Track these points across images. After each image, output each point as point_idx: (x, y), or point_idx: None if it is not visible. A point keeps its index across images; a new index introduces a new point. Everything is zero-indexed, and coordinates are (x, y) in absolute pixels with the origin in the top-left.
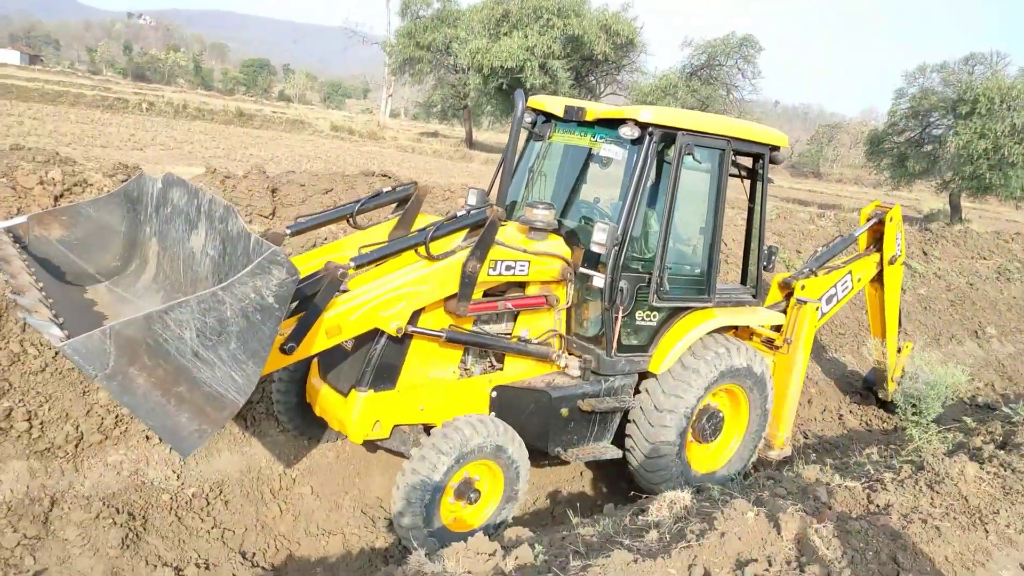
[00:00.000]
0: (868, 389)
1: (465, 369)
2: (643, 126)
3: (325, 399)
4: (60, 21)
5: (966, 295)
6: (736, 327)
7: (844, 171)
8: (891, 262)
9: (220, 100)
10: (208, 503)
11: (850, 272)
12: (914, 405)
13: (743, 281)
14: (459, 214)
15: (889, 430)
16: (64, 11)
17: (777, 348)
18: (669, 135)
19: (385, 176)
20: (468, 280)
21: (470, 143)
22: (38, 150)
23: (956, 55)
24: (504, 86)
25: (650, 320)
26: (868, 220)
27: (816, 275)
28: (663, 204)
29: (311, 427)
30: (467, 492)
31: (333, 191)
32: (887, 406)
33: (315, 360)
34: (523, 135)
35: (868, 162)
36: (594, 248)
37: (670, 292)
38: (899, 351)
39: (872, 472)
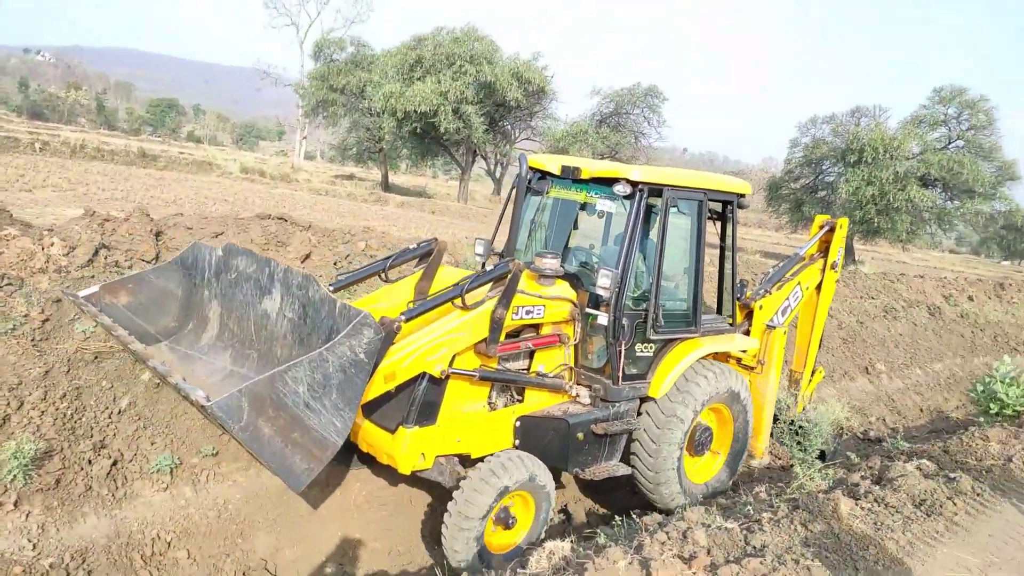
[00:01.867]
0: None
1: (491, 403)
2: (634, 183)
3: (372, 436)
4: None
5: (857, 333)
6: (718, 352)
7: (749, 216)
8: (832, 267)
9: (122, 140)
10: (68, 574)
11: (799, 283)
12: (799, 443)
13: (719, 311)
14: (487, 268)
15: (788, 466)
16: None
17: (752, 369)
18: (656, 190)
19: (282, 219)
20: (496, 325)
21: (386, 186)
22: None
23: (844, 107)
24: (418, 130)
25: (647, 351)
26: (821, 228)
27: (771, 293)
28: (654, 249)
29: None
30: (506, 519)
31: (224, 234)
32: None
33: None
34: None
35: (768, 207)
36: (599, 291)
37: (664, 326)
38: (813, 373)
39: (752, 512)
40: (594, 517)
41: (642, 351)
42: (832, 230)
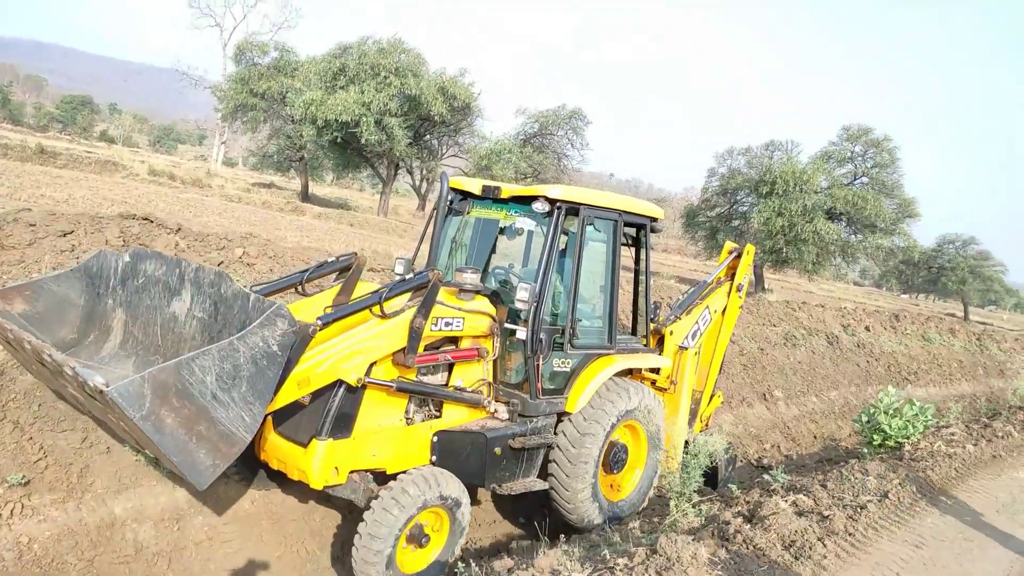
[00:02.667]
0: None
1: (408, 418)
2: (552, 202)
3: (282, 451)
4: None
5: (757, 360)
6: (631, 370)
7: (669, 241)
8: (738, 290)
9: (21, 135)
10: None
11: (707, 307)
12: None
13: (633, 332)
14: (407, 278)
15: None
16: None
17: (664, 390)
18: (573, 209)
19: (147, 220)
20: (415, 335)
21: (305, 196)
22: None
23: (759, 140)
24: (339, 139)
25: (564, 366)
26: (730, 254)
27: (680, 319)
28: (571, 266)
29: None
30: (419, 536)
31: (74, 233)
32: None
33: (267, 417)
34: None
35: (685, 234)
36: (518, 305)
37: (581, 341)
38: (711, 398)
39: (608, 557)
40: (510, 537)
41: (559, 366)
42: (739, 256)
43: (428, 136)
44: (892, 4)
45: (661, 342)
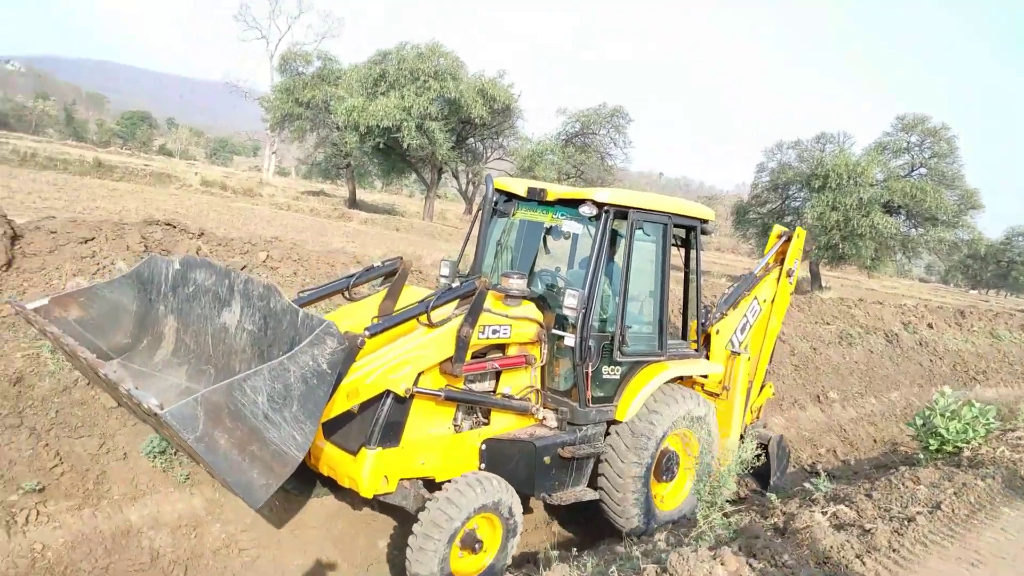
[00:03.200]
0: None
1: (456, 425)
2: (599, 205)
3: (333, 459)
4: None
5: (809, 360)
6: (683, 377)
7: (721, 240)
8: (788, 275)
9: (79, 150)
10: None
11: (755, 297)
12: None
13: (683, 336)
14: (453, 286)
15: (741, 498)
16: None
17: (716, 396)
18: (622, 212)
19: (169, 225)
20: (462, 344)
21: (352, 203)
22: None
23: (809, 134)
24: (382, 145)
25: (614, 374)
26: (779, 238)
27: (726, 316)
28: (620, 271)
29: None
30: (472, 543)
31: (96, 240)
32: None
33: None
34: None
35: (735, 231)
36: (566, 312)
37: (630, 348)
38: (762, 388)
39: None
40: (561, 541)
41: (609, 374)
42: (788, 240)
43: (471, 139)
44: None
45: (708, 342)
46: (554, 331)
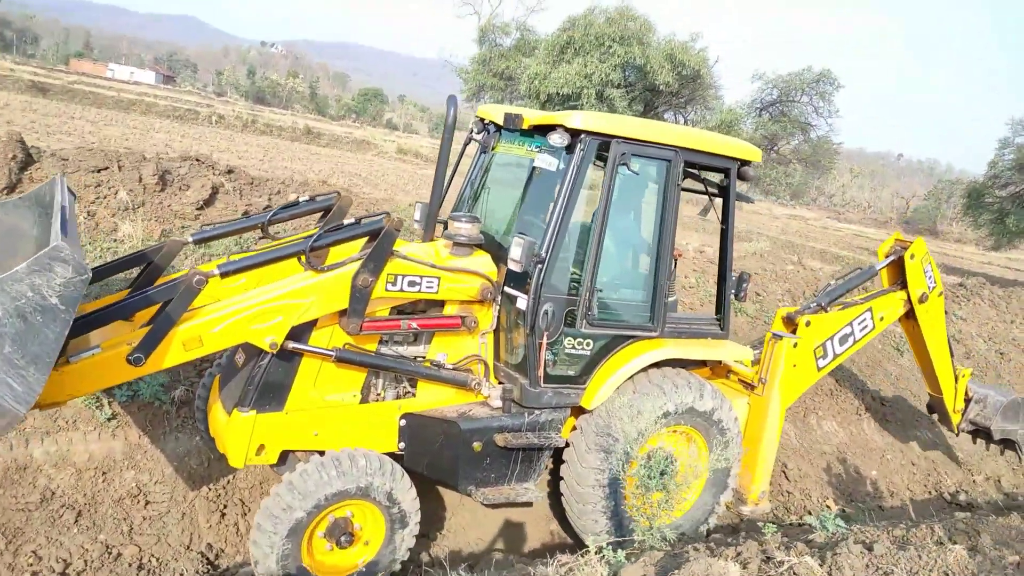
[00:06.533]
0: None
1: (377, 394)
2: (574, 132)
3: (214, 418)
4: (201, 47)
5: (992, 366)
6: (704, 362)
7: (967, 231)
8: (921, 300)
9: (291, 118)
10: None
11: (870, 309)
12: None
13: (718, 311)
14: (356, 221)
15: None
16: (208, 39)
17: (753, 388)
18: (604, 143)
19: (198, 160)
20: (359, 295)
21: None
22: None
23: None
24: None
25: (583, 348)
26: (886, 257)
27: (826, 310)
28: (597, 219)
29: None
30: (338, 534)
31: (109, 169)
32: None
33: (218, 376)
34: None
35: (965, 216)
36: (510, 265)
37: (603, 319)
38: (956, 379)
39: None
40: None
41: (575, 348)
42: (901, 260)
43: (660, 108)
44: None
45: (794, 333)
46: (507, 289)
